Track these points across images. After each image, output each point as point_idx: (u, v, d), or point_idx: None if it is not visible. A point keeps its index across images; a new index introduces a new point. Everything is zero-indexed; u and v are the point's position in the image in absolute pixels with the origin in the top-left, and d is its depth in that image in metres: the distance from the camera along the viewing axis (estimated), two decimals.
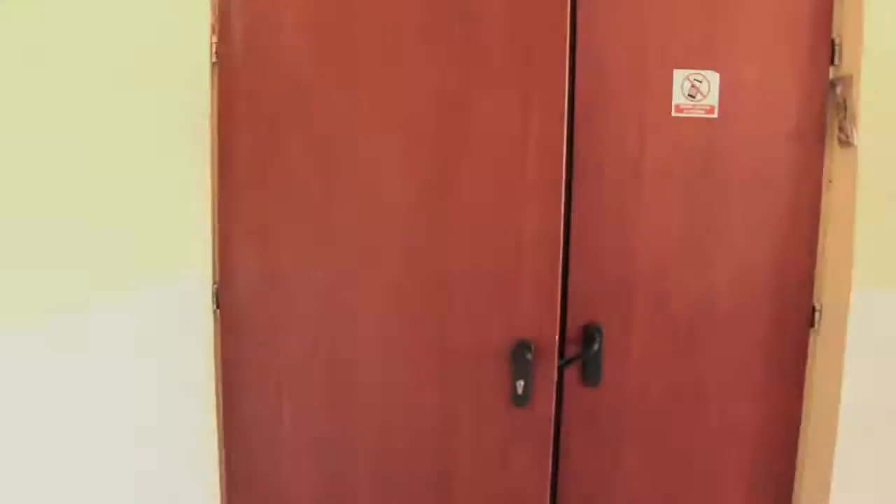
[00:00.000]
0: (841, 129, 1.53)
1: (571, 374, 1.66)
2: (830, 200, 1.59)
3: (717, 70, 1.58)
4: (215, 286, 1.71)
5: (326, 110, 1.59)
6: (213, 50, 1.65)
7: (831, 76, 1.56)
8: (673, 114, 1.59)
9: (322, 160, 1.60)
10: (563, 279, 1.62)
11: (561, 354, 1.65)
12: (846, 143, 1.51)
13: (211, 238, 1.70)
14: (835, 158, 1.58)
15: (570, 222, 1.62)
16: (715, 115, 1.59)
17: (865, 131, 1.49)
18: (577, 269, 1.63)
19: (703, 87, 1.58)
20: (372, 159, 1.57)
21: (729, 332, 1.65)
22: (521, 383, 1.48)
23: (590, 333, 1.64)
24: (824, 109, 1.57)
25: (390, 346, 1.61)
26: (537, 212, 1.47)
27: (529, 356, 1.46)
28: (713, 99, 1.58)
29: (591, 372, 1.65)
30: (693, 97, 1.58)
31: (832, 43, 1.55)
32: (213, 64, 1.65)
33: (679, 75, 1.58)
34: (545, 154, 1.46)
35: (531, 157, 1.47)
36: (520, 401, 1.49)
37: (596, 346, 1.62)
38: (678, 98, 1.58)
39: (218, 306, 1.72)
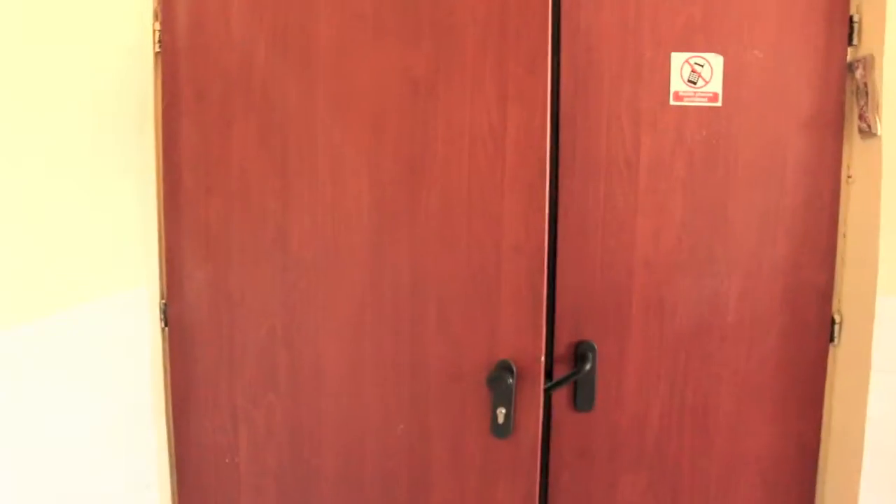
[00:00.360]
0: (861, 117, 1.35)
1: (560, 397, 1.48)
2: (850, 198, 1.41)
3: (720, 52, 1.40)
4: (163, 302, 1.53)
5: (281, 104, 1.41)
6: (156, 38, 1.47)
7: (850, 58, 1.38)
8: (671, 102, 1.41)
9: (277, 160, 1.42)
10: (549, 291, 1.44)
11: (548, 376, 1.46)
12: (867, 133, 1.33)
13: (157, 249, 1.52)
14: (855, 151, 1.40)
15: (557, 226, 1.44)
16: (719, 104, 1.41)
17: (889, 120, 1.30)
18: (566, 279, 1.45)
19: (705, 71, 1.40)
20: (332, 157, 1.39)
21: (738, 347, 1.47)
22: (501, 411, 1.29)
23: (581, 352, 1.46)
24: (842, 96, 1.39)
25: (356, 369, 1.42)
26: (519, 214, 1.29)
27: (511, 380, 1.27)
28: (716, 85, 1.40)
29: (582, 395, 1.47)
30: (694, 83, 1.40)
31: (851, 20, 1.37)
32: (157, 54, 1.48)
33: (677, 59, 1.40)
34: (526, 148, 1.27)
35: (510, 153, 1.28)
36: (501, 431, 1.30)
37: (588, 366, 1.43)
38: (677, 84, 1.40)
39: (166, 324, 1.54)
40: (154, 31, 1.47)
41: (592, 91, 1.41)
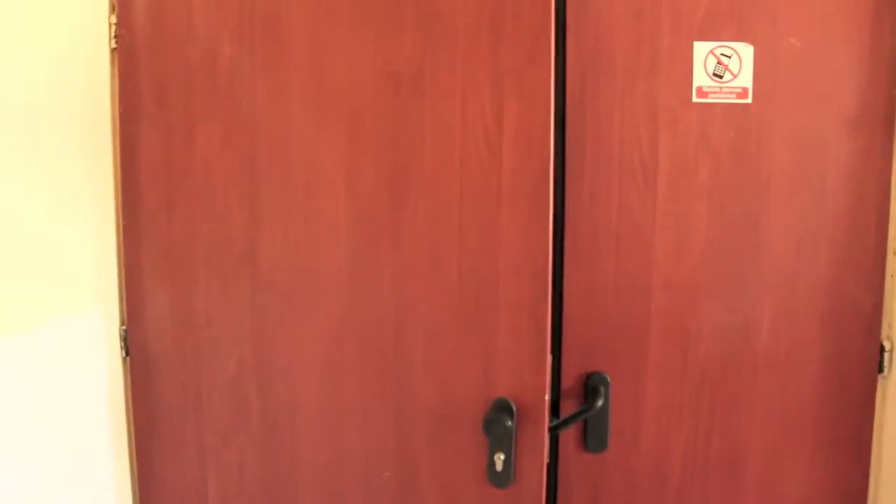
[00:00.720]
0: None
1: (568, 437, 1.30)
2: None
3: (750, 41, 1.22)
4: (123, 328, 1.37)
5: (248, 106, 1.24)
6: (113, 33, 1.31)
7: None
8: (694, 99, 1.23)
9: (244, 169, 1.25)
10: (555, 316, 1.26)
11: (554, 413, 1.28)
12: None
13: (115, 268, 1.36)
14: None
15: (564, 242, 1.26)
16: (748, 100, 1.23)
17: None
18: (574, 303, 1.27)
19: (733, 63, 1.22)
20: (305, 166, 1.22)
21: (772, 380, 1.28)
22: (500, 457, 1.11)
23: (592, 385, 1.28)
24: (893, 90, 1.21)
25: (334, 407, 1.25)
26: (518, 230, 1.11)
27: (510, 422, 1.09)
28: (746, 79, 1.22)
29: (594, 434, 1.28)
30: (720, 77, 1.22)
31: None
32: (113, 50, 1.32)
33: (701, 49, 1.22)
34: (527, 152, 1.10)
35: (508, 157, 1.11)
36: (500, 479, 1.12)
37: (600, 402, 1.25)
38: (700, 78, 1.22)
39: (128, 353, 1.37)
40: (110, 24, 1.31)
41: (603, 86, 1.23)
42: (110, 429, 1.35)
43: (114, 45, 1.32)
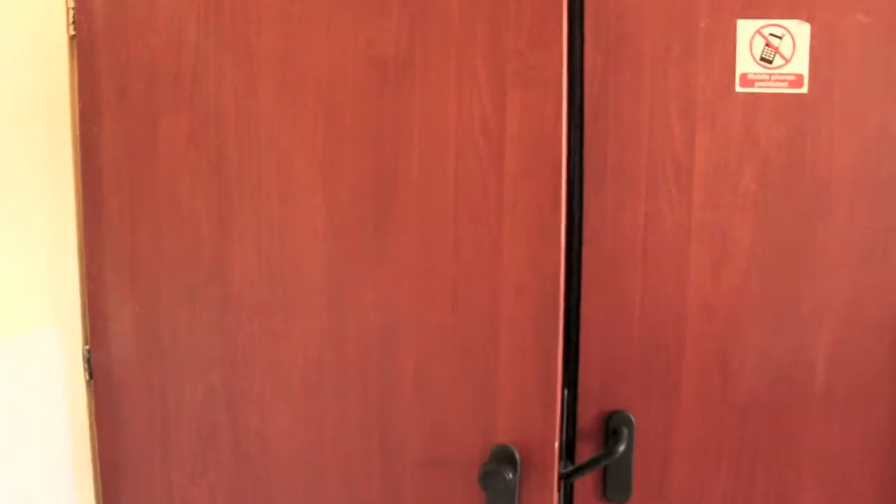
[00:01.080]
0: None
1: (586, 485, 1.11)
2: None
3: (806, 18, 1.02)
4: (87, 348, 1.22)
5: (216, 99, 1.08)
6: (71, 18, 1.17)
7: None
8: (737, 88, 1.03)
9: (212, 170, 1.10)
10: (570, 345, 1.08)
11: (569, 457, 1.10)
12: None
13: (77, 282, 1.22)
14: None
15: (581, 257, 1.08)
16: (804, 90, 1.03)
17: None
18: (593, 329, 1.08)
19: (785, 45, 1.02)
20: (278, 168, 1.05)
21: (829, 422, 1.08)
22: None
23: (613, 426, 1.09)
24: None
25: (311, 444, 1.09)
26: (524, 243, 0.93)
27: (511, 475, 0.91)
28: (801, 64, 1.02)
29: (615, 482, 1.10)
30: (769, 62, 1.02)
31: None
32: (72, 38, 1.17)
33: (746, 28, 1.02)
34: (534, 151, 0.92)
35: (512, 157, 0.93)
36: None
37: (622, 446, 1.06)
38: (745, 64, 1.02)
39: (91, 376, 1.23)
40: (68, 9, 1.17)
41: (628, 74, 1.05)
42: (72, 464, 1.21)
43: (73, 33, 1.17)
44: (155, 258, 1.15)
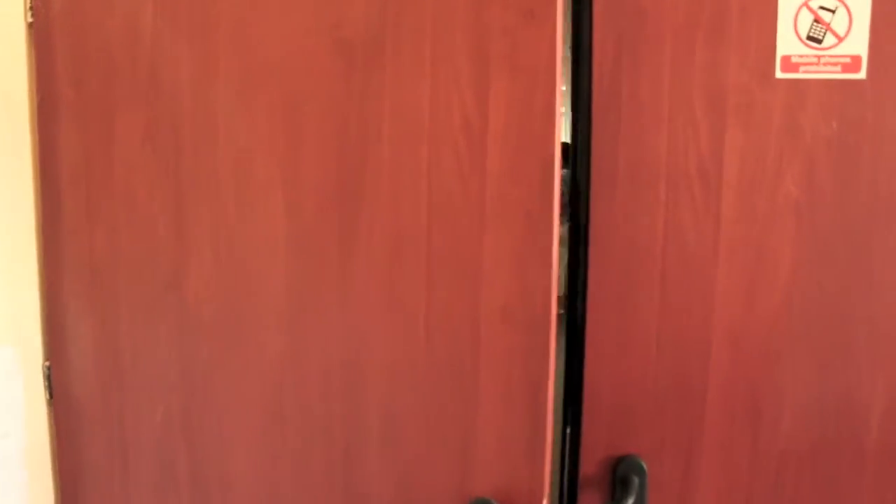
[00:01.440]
0: None
1: None
2: None
3: None
4: (47, 364, 1.12)
5: (172, 90, 0.96)
6: (29, 4, 1.06)
7: None
8: (778, 74, 0.86)
9: (169, 170, 0.98)
10: (573, 378, 0.92)
11: None
12: None
13: (37, 294, 1.11)
14: None
15: (587, 277, 0.92)
16: (861, 75, 0.85)
17: None
18: (600, 362, 0.92)
19: (838, 20, 0.84)
20: (236, 166, 0.93)
21: (885, 477, 0.89)
22: None
23: (622, 474, 0.93)
24: None
25: (272, 486, 0.95)
26: (509, 260, 0.78)
27: None
28: (858, 43, 0.84)
29: None
30: (818, 41, 0.84)
31: None
32: (30, 26, 1.07)
33: (790, 2, 0.85)
34: (521, 149, 0.77)
35: (495, 156, 0.78)
36: None
37: (632, 499, 0.90)
38: (789, 44, 0.85)
39: (52, 395, 1.13)
40: None
41: (646, 58, 0.88)
42: (28, 489, 1.11)
43: (31, 20, 1.07)
44: (113, 268, 1.04)
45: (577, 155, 0.91)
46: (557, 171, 0.75)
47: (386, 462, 0.85)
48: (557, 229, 0.76)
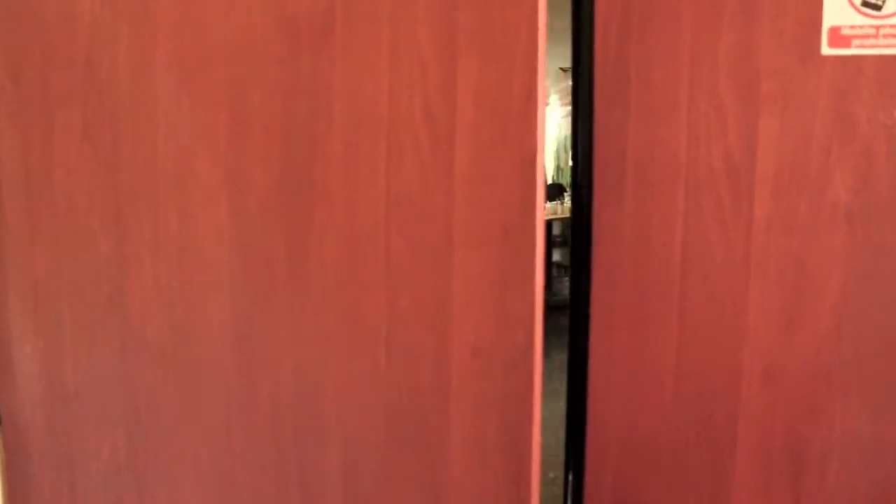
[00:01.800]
0: None
1: None
2: None
3: None
4: None
5: (110, 81, 0.84)
6: None
7: None
8: (825, 50, 0.70)
9: (107, 174, 0.86)
10: (575, 418, 0.78)
11: None
12: None
13: None
14: None
15: (589, 299, 0.76)
16: None
17: None
18: (606, 398, 0.77)
19: None
20: (177, 168, 0.80)
21: None
22: None
23: None
24: None
25: None
26: (482, 283, 0.63)
27: None
28: None
29: None
30: (877, 7, 0.68)
31: None
32: None
33: None
34: (496, 144, 0.62)
35: (464, 153, 0.63)
36: None
37: None
38: (838, 12, 0.68)
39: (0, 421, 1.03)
40: None
41: (656, 34, 0.73)
42: None
43: None
44: (55, 283, 0.92)
45: (576, 152, 0.76)
46: (541, 174, 0.60)
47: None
48: (542, 246, 0.61)
